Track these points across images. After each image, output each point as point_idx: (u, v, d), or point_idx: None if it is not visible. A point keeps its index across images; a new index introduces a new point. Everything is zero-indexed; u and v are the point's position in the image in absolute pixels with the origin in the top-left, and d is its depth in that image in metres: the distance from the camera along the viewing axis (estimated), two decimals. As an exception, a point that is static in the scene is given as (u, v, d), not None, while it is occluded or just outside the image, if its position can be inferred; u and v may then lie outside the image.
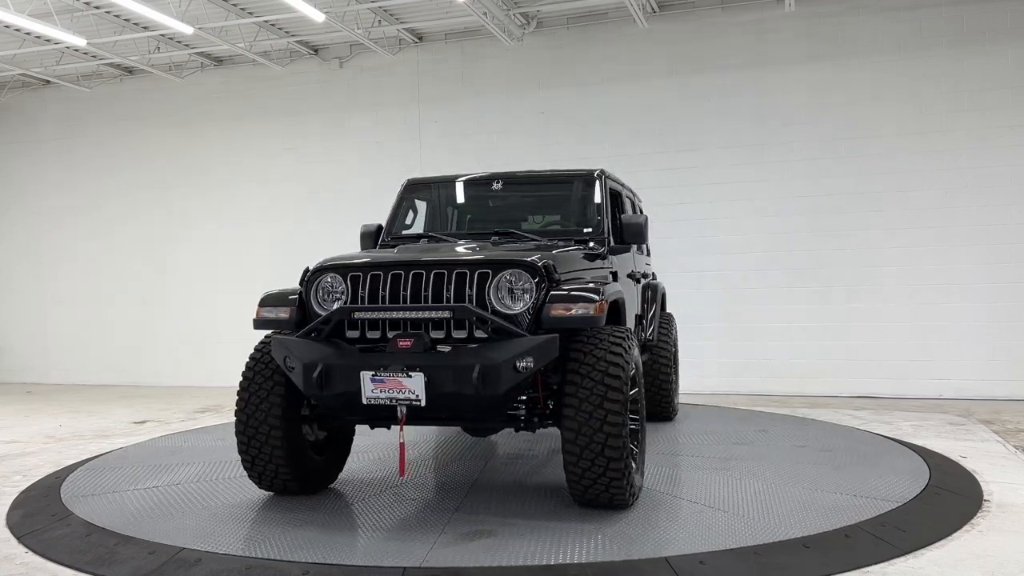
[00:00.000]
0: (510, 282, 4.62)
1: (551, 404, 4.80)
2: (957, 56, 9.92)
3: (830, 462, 6.07)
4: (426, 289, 4.66)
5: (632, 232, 6.00)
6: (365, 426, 5.19)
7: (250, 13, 10.70)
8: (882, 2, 10.18)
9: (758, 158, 10.57)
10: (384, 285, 4.73)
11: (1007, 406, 9.20)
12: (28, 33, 10.97)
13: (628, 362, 4.56)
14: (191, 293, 12.91)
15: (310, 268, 5.00)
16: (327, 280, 4.90)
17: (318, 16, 9.86)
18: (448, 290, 4.63)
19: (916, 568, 3.95)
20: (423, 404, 4.45)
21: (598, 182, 6.23)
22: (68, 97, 13.48)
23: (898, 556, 4.08)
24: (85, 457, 6.94)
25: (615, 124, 11.07)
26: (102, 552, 4.33)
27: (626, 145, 10.93)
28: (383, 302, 4.70)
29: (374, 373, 4.48)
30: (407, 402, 4.46)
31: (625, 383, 4.48)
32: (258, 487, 5.25)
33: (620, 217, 6.22)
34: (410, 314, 4.62)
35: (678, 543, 4.21)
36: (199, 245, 12.91)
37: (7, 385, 13.52)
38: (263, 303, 5.08)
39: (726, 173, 10.65)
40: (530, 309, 4.58)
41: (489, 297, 4.60)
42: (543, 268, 4.65)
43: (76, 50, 11.59)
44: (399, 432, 4.69)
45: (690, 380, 9.77)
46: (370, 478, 5.78)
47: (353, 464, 5.91)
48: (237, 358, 5.49)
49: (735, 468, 5.88)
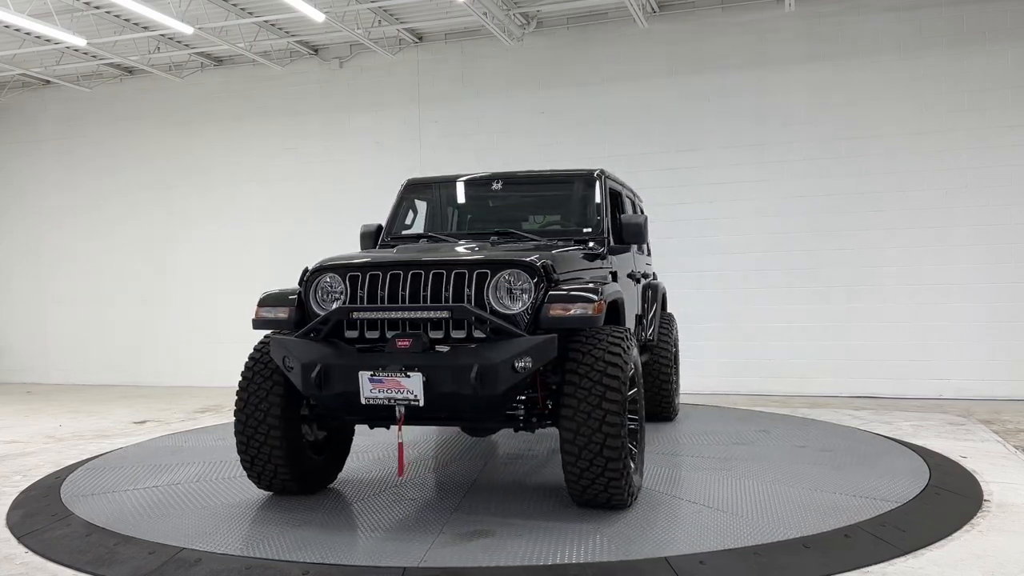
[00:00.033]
0: (509, 282, 4.61)
1: (550, 404, 4.79)
2: (957, 56, 9.92)
3: (830, 462, 6.07)
4: (425, 289, 4.66)
5: (632, 232, 5.99)
6: (365, 426, 5.19)
7: (250, 13, 10.70)
8: (882, 2, 10.18)
9: (758, 158, 10.57)
10: (383, 285, 4.73)
11: (1007, 406, 9.19)
12: (28, 33, 10.97)
13: (627, 362, 4.56)
14: (191, 293, 12.92)
15: (309, 268, 5.01)
16: (326, 280, 4.90)
17: (318, 16, 9.86)
18: (447, 290, 4.63)
19: (916, 568, 3.95)
20: (421, 404, 4.45)
21: (598, 182, 6.22)
22: (68, 97, 13.49)
23: (898, 556, 4.08)
24: (85, 457, 6.94)
25: (615, 124, 11.07)
26: (102, 552, 4.34)
27: (626, 145, 10.93)
28: (382, 302, 4.70)
29: (372, 373, 4.48)
30: (405, 402, 4.46)
31: (624, 383, 4.48)
32: (257, 487, 5.26)
33: (620, 217, 6.21)
34: (408, 314, 4.62)
35: (678, 543, 4.21)
36: (199, 245, 12.91)
37: (7, 385, 13.53)
38: (262, 303, 5.09)
39: (726, 173, 10.65)
40: (529, 309, 4.57)
41: (488, 297, 4.59)
42: (542, 268, 4.65)
43: (76, 50, 11.59)
44: (398, 432, 4.69)
45: (690, 380, 9.77)
46: (369, 478, 5.78)
47: (352, 464, 5.91)
48: (237, 358, 5.49)
49: (735, 468, 5.88)
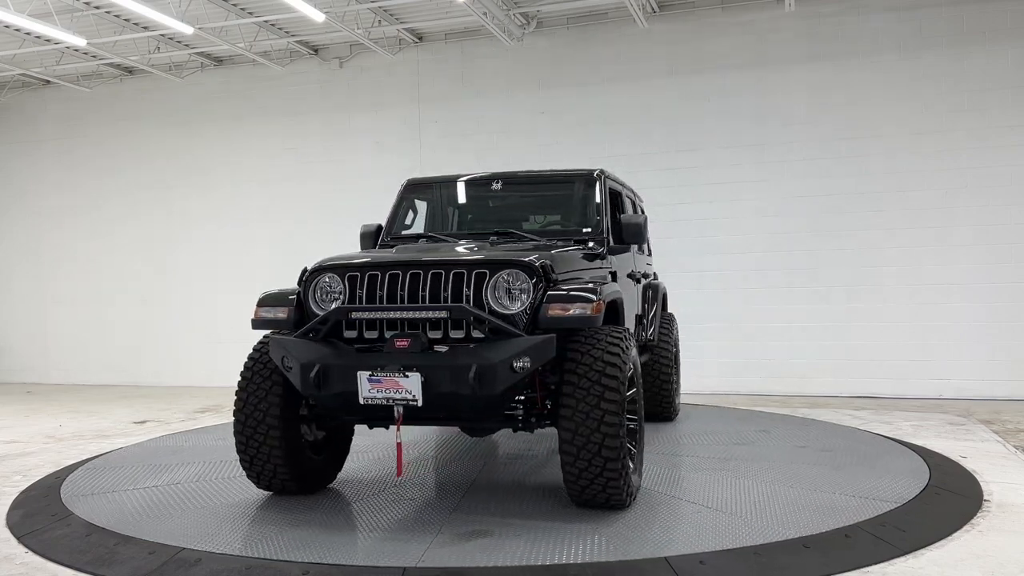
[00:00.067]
0: (507, 282, 4.61)
1: (549, 404, 4.79)
2: (957, 56, 9.92)
3: (830, 462, 6.07)
4: (423, 289, 4.65)
5: (631, 232, 5.99)
6: (364, 426, 5.19)
7: (250, 13, 10.70)
8: (882, 2, 10.17)
9: (758, 158, 10.57)
10: (382, 285, 4.72)
11: (1007, 406, 9.19)
12: (28, 33, 10.98)
13: (626, 362, 4.56)
14: (191, 293, 12.92)
15: (308, 268, 5.00)
16: (325, 280, 4.90)
17: (318, 16, 9.86)
18: (445, 290, 4.62)
19: (916, 568, 3.95)
20: (420, 404, 4.44)
21: (598, 182, 6.22)
22: (68, 97, 13.49)
23: (898, 556, 4.08)
24: (85, 457, 6.94)
25: (615, 124, 11.06)
26: (102, 552, 4.33)
27: (626, 145, 10.92)
28: (381, 302, 4.70)
29: (371, 373, 4.47)
30: (404, 402, 4.46)
31: (622, 383, 4.47)
32: (257, 487, 5.26)
33: (620, 217, 6.20)
34: (407, 314, 4.61)
35: (678, 543, 4.21)
36: (199, 245, 12.91)
37: (7, 385, 13.53)
38: (261, 303, 5.09)
39: (726, 173, 10.65)
40: (527, 309, 4.57)
41: (486, 297, 4.59)
42: (540, 268, 4.64)
43: (76, 50, 11.59)
44: (396, 432, 4.69)
45: (690, 380, 9.77)
46: (368, 478, 5.78)
47: (352, 464, 5.91)
48: (237, 358, 5.49)
49: (735, 468, 5.87)
